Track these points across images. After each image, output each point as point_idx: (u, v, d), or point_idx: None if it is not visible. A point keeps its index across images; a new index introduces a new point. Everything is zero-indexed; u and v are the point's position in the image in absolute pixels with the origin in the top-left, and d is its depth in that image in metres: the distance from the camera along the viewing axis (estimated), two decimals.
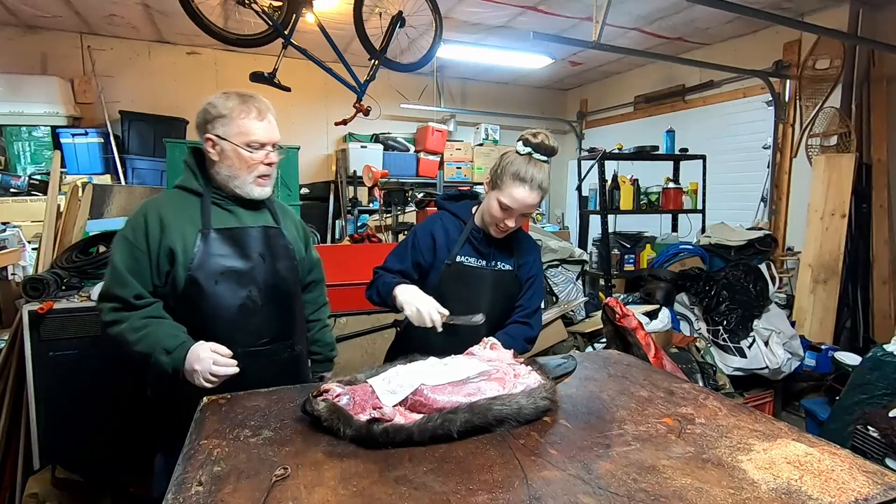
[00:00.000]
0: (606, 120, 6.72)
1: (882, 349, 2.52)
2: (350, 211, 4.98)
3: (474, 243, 1.62)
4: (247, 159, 1.43)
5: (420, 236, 1.64)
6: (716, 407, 1.21)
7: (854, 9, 3.89)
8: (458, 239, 1.61)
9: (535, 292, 1.69)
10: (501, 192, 1.50)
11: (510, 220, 1.52)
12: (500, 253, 1.63)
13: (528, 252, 1.69)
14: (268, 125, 1.46)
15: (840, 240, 3.74)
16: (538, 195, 1.49)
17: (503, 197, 1.49)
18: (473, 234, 1.62)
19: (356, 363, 3.08)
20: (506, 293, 1.65)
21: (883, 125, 3.87)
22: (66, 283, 2.27)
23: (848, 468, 0.93)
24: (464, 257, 1.61)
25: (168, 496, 0.86)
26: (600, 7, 3.22)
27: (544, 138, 1.50)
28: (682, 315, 3.40)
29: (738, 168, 4.93)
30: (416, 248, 1.63)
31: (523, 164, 1.48)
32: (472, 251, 1.62)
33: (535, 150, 1.49)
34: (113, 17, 4.48)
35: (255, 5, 2.77)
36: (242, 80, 3.29)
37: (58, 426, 2.16)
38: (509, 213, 1.51)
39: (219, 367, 1.33)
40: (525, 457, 0.99)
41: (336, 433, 1.05)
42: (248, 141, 1.42)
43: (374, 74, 3.38)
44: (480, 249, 1.62)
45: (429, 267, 1.63)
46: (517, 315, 1.66)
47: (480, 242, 1.62)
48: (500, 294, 1.63)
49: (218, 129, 1.42)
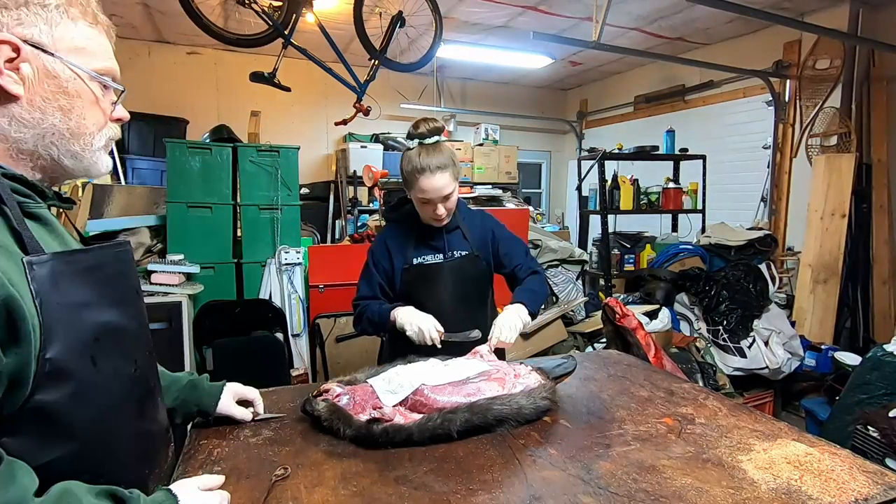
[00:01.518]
0: (606, 120, 6.72)
1: (882, 349, 2.52)
2: (350, 211, 4.98)
3: (426, 241, 1.65)
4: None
5: (376, 253, 1.68)
6: (716, 407, 1.21)
7: (854, 9, 3.89)
8: (408, 243, 1.65)
9: (515, 250, 1.70)
10: (413, 190, 1.55)
11: (438, 209, 1.55)
12: (454, 241, 1.67)
13: (482, 228, 1.71)
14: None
15: (840, 240, 3.74)
16: (442, 174, 1.51)
17: (416, 192, 1.54)
18: (421, 232, 1.65)
19: (356, 363, 3.08)
20: (473, 277, 1.67)
21: (883, 125, 3.87)
22: None
23: (848, 468, 0.93)
24: (421, 258, 1.64)
25: None
26: (600, 7, 3.22)
27: (424, 123, 1.56)
28: (682, 315, 3.40)
29: (738, 168, 4.93)
30: (378, 266, 1.66)
31: (416, 156, 1.53)
32: (427, 249, 1.65)
33: (420, 139, 1.55)
34: (113, 17, 4.43)
35: (255, 5, 2.76)
36: (242, 80, 3.30)
37: None
38: (431, 204, 1.55)
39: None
40: (525, 457, 0.99)
41: (336, 433, 1.05)
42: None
43: (374, 74, 3.38)
44: (434, 244, 1.65)
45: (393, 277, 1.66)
46: (520, 272, 1.68)
47: (432, 238, 1.65)
48: (466, 280, 1.66)
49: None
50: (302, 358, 3.15)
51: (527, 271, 1.68)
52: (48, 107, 0.70)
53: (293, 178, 3.20)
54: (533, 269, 1.69)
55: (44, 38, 0.69)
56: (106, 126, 0.79)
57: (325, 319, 3.12)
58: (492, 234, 1.70)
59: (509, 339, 1.46)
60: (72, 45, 0.72)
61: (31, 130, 0.70)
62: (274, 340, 2.89)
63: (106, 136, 0.79)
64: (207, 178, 2.96)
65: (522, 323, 1.51)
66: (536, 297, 1.61)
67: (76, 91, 0.73)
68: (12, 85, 0.66)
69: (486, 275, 1.71)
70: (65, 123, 0.72)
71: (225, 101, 5.39)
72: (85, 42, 0.74)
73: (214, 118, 4.97)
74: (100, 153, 0.78)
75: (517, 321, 1.49)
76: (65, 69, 0.71)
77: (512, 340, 1.47)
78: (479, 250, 1.67)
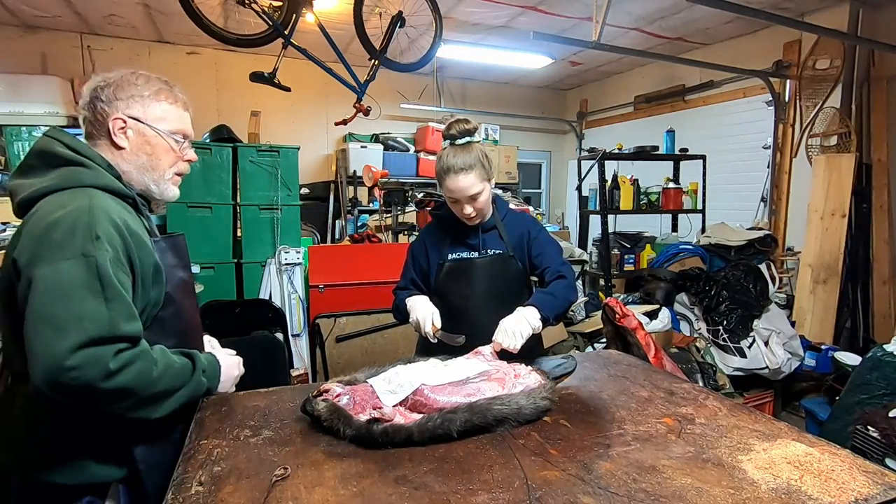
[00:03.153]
0: (606, 120, 6.72)
1: (882, 349, 2.52)
2: (350, 211, 4.99)
3: (462, 239, 1.70)
4: None
5: (415, 249, 1.77)
6: (716, 407, 1.21)
7: (854, 9, 3.89)
8: (445, 240, 1.72)
9: (548, 252, 1.69)
10: (442, 189, 1.61)
11: (465, 209, 1.59)
12: (490, 240, 1.70)
13: (519, 228, 1.73)
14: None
15: (840, 240, 3.74)
16: (467, 175, 1.54)
17: (444, 191, 1.60)
18: (458, 230, 1.70)
19: (356, 363, 3.08)
20: (505, 276, 1.69)
21: (883, 125, 3.87)
22: None
23: (848, 468, 0.93)
24: (456, 254, 1.70)
25: (168, 496, 0.86)
26: (600, 7, 3.22)
27: (456, 125, 1.60)
28: (682, 315, 3.40)
29: (738, 168, 4.93)
30: (415, 261, 1.75)
31: (445, 157, 1.57)
32: (463, 247, 1.71)
33: (452, 140, 1.59)
34: (113, 17, 4.48)
35: (255, 5, 2.77)
36: (242, 80, 3.30)
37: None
38: (458, 203, 1.59)
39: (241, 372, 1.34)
40: (525, 457, 0.99)
41: (336, 433, 1.05)
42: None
43: (374, 74, 3.38)
44: (469, 242, 1.70)
45: (429, 273, 1.73)
46: (548, 275, 1.66)
47: (468, 236, 1.70)
48: (498, 278, 1.68)
49: None
50: (302, 358, 3.15)
51: (554, 274, 1.63)
52: (140, 153, 1.17)
53: (293, 178, 3.20)
54: (561, 273, 1.64)
55: (139, 114, 1.16)
56: (176, 165, 1.23)
57: (325, 319, 3.12)
58: (528, 235, 1.71)
59: (511, 345, 1.36)
60: (156, 116, 1.18)
61: (132, 167, 1.17)
62: (274, 340, 2.89)
63: (173, 172, 1.23)
64: (207, 178, 2.96)
65: (531, 328, 1.41)
66: (554, 302, 1.52)
67: (157, 143, 1.19)
68: (122, 141, 1.15)
69: (521, 275, 1.72)
70: (149, 163, 1.18)
71: (225, 101, 5.39)
72: (164, 114, 1.20)
73: (214, 118, 4.97)
74: (168, 183, 1.22)
75: (524, 326, 1.40)
76: (150, 130, 1.18)
77: (515, 347, 1.36)
78: (514, 250, 1.69)
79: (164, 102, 1.19)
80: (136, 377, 0.96)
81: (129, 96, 1.15)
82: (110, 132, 1.13)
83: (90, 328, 0.92)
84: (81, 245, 0.96)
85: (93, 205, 1.01)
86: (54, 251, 0.95)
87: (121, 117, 1.13)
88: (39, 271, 0.94)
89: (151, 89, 1.18)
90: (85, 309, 0.93)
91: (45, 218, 0.99)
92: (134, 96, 1.15)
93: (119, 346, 0.96)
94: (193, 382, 1.10)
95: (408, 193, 4.17)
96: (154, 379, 0.99)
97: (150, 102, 1.17)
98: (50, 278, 0.93)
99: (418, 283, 1.74)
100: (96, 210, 1.01)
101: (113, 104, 1.14)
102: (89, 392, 0.92)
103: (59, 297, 0.93)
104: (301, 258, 3.17)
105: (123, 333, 0.96)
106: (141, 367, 0.97)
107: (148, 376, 0.98)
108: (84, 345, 0.91)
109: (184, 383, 1.07)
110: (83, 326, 0.92)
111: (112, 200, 1.08)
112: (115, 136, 1.14)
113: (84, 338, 0.91)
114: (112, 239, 1.01)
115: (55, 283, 0.93)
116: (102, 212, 1.02)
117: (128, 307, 0.99)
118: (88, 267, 0.95)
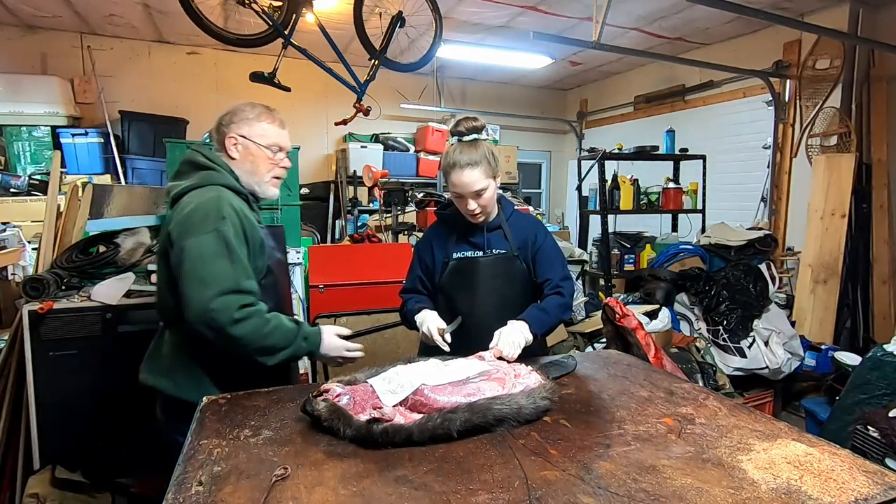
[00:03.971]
0: (606, 120, 6.72)
1: (882, 349, 2.52)
2: (350, 211, 4.98)
3: (467, 238, 1.72)
4: None
5: (420, 247, 1.80)
6: (716, 407, 1.21)
7: (854, 9, 3.89)
8: (450, 239, 1.73)
9: (550, 262, 1.71)
10: (448, 184, 1.63)
11: (469, 205, 1.61)
12: (495, 240, 1.71)
13: (525, 230, 1.74)
14: None
15: (840, 240, 3.74)
16: (472, 171, 1.57)
17: (450, 187, 1.63)
18: (463, 229, 1.72)
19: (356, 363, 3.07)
20: (509, 276, 1.70)
21: (883, 125, 3.87)
22: (66, 283, 2.27)
23: (848, 468, 0.93)
24: (460, 253, 1.71)
25: (168, 496, 0.86)
26: (600, 7, 3.22)
27: (464, 122, 1.64)
28: (682, 315, 3.40)
29: (738, 168, 4.93)
30: (420, 260, 1.78)
31: (452, 152, 1.60)
32: (467, 245, 1.72)
33: (459, 136, 1.62)
34: (113, 17, 4.48)
35: (255, 5, 2.76)
36: (242, 80, 3.29)
37: (58, 426, 2.16)
38: (463, 199, 1.61)
39: (350, 351, 1.54)
40: (525, 457, 0.99)
41: (336, 433, 1.05)
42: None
43: (374, 74, 3.37)
44: (474, 241, 1.71)
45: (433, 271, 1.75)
46: (547, 289, 1.68)
47: (473, 235, 1.71)
48: (501, 277, 1.69)
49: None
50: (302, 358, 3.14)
51: (553, 289, 1.66)
52: (245, 161, 1.53)
53: (293, 178, 3.19)
54: (559, 289, 1.66)
55: (245, 132, 1.52)
56: (273, 170, 1.57)
57: (325, 319, 3.11)
58: (534, 238, 1.72)
59: (510, 354, 1.42)
60: (257, 133, 1.53)
61: (242, 172, 1.52)
62: None
63: (271, 176, 1.57)
64: None
65: (525, 341, 1.47)
66: (545, 320, 1.57)
67: (257, 154, 1.53)
68: (234, 153, 1.52)
69: (524, 275, 1.72)
70: (253, 168, 1.54)
71: (225, 101, 5.34)
72: (264, 132, 1.54)
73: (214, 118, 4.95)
74: (267, 185, 1.57)
75: (520, 338, 1.46)
76: (252, 144, 1.52)
77: (513, 356, 1.42)
78: (518, 251, 1.70)
79: (264, 122, 1.53)
80: (251, 330, 1.30)
81: (240, 119, 1.52)
82: (226, 147, 1.52)
83: (223, 282, 1.30)
84: (214, 223, 1.34)
85: (220, 196, 1.40)
86: (196, 228, 1.34)
87: (233, 135, 1.51)
88: (187, 242, 1.32)
89: (255, 113, 1.53)
90: (219, 268, 1.31)
91: (189, 205, 1.38)
92: (242, 119, 1.52)
93: (243, 300, 1.31)
94: (295, 345, 1.40)
95: (408, 193, 4.18)
96: (264, 334, 1.33)
97: (253, 123, 1.52)
98: (194, 247, 1.32)
99: (424, 282, 1.76)
100: (222, 200, 1.39)
101: (229, 126, 1.52)
102: (222, 334, 1.28)
103: (203, 260, 1.31)
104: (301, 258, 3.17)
105: (244, 287, 1.33)
106: (256, 322, 1.32)
107: (260, 331, 1.32)
108: (220, 293, 1.28)
109: (287, 344, 1.38)
110: (218, 281, 1.29)
111: (232, 195, 1.45)
112: (229, 150, 1.52)
113: (219, 289, 1.29)
114: (233, 219, 1.38)
115: (199, 251, 1.31)
116: (226, 202, 1.39)
117: (246, 269, 1.37)
118: (218, 238, 1.33)
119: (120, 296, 2.24)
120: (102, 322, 2.20)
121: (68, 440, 2.17)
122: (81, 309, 2.17)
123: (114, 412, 2.23)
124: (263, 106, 1.57)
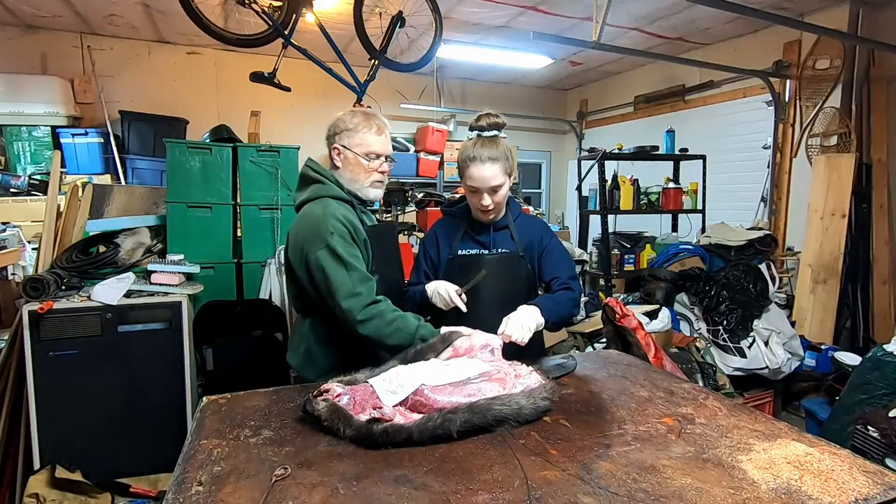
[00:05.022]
0: (606, 120, 6.72)
1: (882, 349, 2.52)
2: None
3: (472, 235, 1.74)
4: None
5: (426, 242, 1.82)
6: (716, 407, 1.21)
7: (854, 9, 3.89)
8: (456, 235, 1.74)
9: (558, 262, 1.72)
10: (464, 178, 1.64)
11: (484, 200, 1.62)
12: (500, 239, 1.72)
13: (531, 231, 1.74)
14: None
15: (840, 240, 3.74)
16: (492, 166, 1.59)
17: (466, 180, 1.64)
18: (469, 227, 1.73)
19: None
20: (513, 275, 1.70)
21: (883, 125, 3.86)
22: (66, 283, 2.27)
23: (848, 468, 0.93)
24: (465, 249, 1.73)
25: (168, 496, 0.86)
26: (600, 7, 3.21)
27: (485, 118, 1.67)
28: (682, 315, 3.40)
29: (738, 168, 4.93)
30: (426, 254, 1.80)
31: (471, 146, 1.62)
32: (472, 243, 1.74)
33: (479, 131, 1.65)
34: (113, 17, 4.48)
35: (255, 5, 2.76)
36: (242, 80, 3.30)
37: (58, 426, 2.16)
38: (478, 194, 1.63)
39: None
40: (525, 457, 0.99)
41: (336, 433, 1.05)
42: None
43: (374, 74, 3.37)
44: (479, 239, 1.73)
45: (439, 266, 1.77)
46: (555, 285, 1.69)
47: (479, 233, 1.73)
48: (505, 276, 1.70)
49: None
50: None
51: (561, 285, 1.67)
52: (346, 170, 1.64)
53: (293, 178, 3.19)
54: (569, 285, 1.67)
55: (346, 142, 1.63)
56: (371, 175, 1.65)
57: None
58: (539, 239, 1.73)
59: (519, 338, 1.42)
60: (358, 143, 1.62)
61: (345, 180, 1.65)
62: (274, 340, 2.89)
63: (371, 180, 1.66)
64: (207, 178, 2.96)
65: (535, 323, 1.48)
66: (557, 307, 1.58)
67: (356, 162, 1.63)
68: (338, 162, 1.65)
69: (529, 276, 1.73)
70: (353, 175, 1.64)
71: (225, 101, 5.39)
72: (362, 140, 1.63)
73: (214, 118, 4.97)
74: (368, 188, 1.67)
75: (530, 322, 1.47)
76: (351, 153, 1.63)
77: (523, 340, 1.43)
78: (524, 251, 1.71)
79: (362, 132, 1.62)
80: (374, 331, 1.46)
81: (342, 131, 1.63)
82: (332, 157, 1.66)
83: (342, 290, 1.46)
84: (324, 239, 1.48)
85: (325, 211, 1.54)
86: (311, 244, 1.50)
87: (337, 146, 1.64)
88: (311, 255, 1.50)
89: (353, 122, 1.63)
90: (338, 278, 1.47)
91: (305, 219, 1.57)
92: (343, 130, 1.63)
93: (363, 301, 1.46)
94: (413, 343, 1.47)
95: (408, 193, 4.18)
96: (386, 335, 1.46)
97: (353, 133, 1.62)
98: (314, 263, 1.49)
99: (430, 277, 1.77)
100: (327, 215, 1.52)
101: (333, 137, 1.64)
102: (356, 331, 1.46)
103: (324, 273, 1.48)
104: None
105: (359, 291, 1.46)
106: (377, 324, 1.46)
107: (381, 332, 1.46)
108: (343, 299, 1.46)
109: (407, 342, 1.46)
110: (340, 289, 1.46)
111: (338, 204, 1.58)
112: (334, 160, 1.65)
113: (340, 296, 1.46)
114: (339, 230, 1.51)
115: (317, 265, 1.49)
116: (330, 215, 1.52)
117: (361, 273, 1.49)
118: (331, 252, 1.47)
119: (120, 296, 2.24)
120: (102, 322, 2.21)
121: (68, 440, 2.18)
122: (81, 309, 2.18)
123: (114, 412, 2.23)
124: (363, 113, 1.65)
